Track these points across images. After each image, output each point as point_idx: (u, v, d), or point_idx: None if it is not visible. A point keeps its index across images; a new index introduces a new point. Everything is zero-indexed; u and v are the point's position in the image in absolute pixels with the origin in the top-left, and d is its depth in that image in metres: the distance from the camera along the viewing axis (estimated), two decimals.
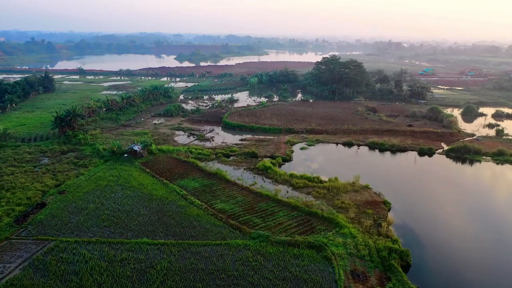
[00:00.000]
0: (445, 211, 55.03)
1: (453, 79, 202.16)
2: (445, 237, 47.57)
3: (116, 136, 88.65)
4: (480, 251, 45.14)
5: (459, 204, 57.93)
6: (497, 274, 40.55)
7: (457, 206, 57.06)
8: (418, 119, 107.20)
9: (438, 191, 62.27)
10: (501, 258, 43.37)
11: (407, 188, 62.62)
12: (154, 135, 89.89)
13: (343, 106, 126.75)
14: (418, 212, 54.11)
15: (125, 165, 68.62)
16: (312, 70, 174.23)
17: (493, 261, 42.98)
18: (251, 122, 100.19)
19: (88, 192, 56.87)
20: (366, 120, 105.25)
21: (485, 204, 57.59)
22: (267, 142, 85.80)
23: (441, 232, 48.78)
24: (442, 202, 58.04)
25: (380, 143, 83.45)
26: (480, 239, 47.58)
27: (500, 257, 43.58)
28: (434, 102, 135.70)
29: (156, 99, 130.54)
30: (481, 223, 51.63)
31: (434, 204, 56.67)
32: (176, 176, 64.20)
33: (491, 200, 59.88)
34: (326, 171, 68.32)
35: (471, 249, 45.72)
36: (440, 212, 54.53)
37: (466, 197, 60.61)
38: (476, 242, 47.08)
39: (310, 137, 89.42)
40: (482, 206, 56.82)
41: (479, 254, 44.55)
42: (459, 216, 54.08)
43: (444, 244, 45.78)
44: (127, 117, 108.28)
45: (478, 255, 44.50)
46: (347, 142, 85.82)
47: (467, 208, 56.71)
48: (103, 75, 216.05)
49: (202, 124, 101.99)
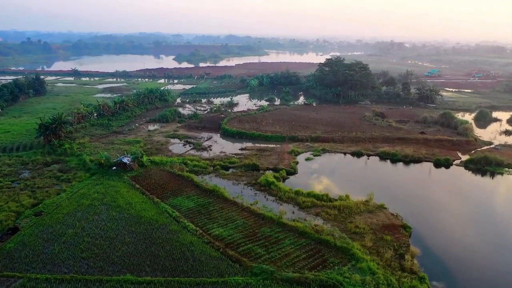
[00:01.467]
0: (476, 237, 48.42)
1: (460, 81, 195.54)
2: (482, 270, 40.97)
3: (106, 144, 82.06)
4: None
5: (490, 228, 51.02)
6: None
7: (489, 230, 50.23)
8: (429, 125, 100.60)
9: (463, 211, 55.68)
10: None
11: (427, 208, 55.95)
12: (147, 144, 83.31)
13: (349, 111, 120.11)
14: (445, 238, 47.44)
15: (112, 180, 62.04)
16: (315, 72, 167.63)
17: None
18: (251, 129, 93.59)
19: (69, 214, 50.29)
20: (375, 126, 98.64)
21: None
22: (269, 151, 79.21)
23: (475, 264, 42.19)
24: (470, 225, 51.50)
25: (392, 153, 76.84)
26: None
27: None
28: (444, 106, 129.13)
29: (152, 103, 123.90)
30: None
31: (462, 228, 50.15)
32: (169, 193, 57.60)
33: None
34: (335, 187, 61.91)
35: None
36: (471, 238, 47.92)
37: (496, 219, 53.91)
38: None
39: (315, 146, 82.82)
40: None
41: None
42: (495, 242, 47.25)
43: (483, 280, 39.19)
44: (120, 123, 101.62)
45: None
46: (356, 152, 79.22)
47: (501, 231, 49.94)
48: (99, 76, 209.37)
49: (199, 131, 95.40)
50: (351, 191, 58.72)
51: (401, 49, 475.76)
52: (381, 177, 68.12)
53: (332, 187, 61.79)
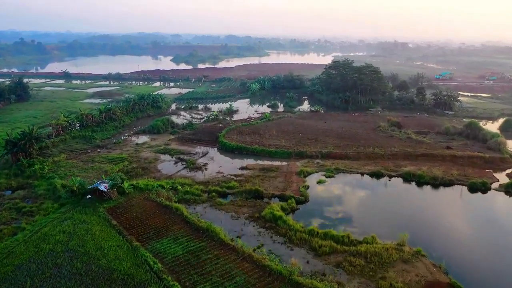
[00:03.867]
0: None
1: (474, 84, 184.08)
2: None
3: (85, 163, 70.87)
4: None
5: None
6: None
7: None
8: (453, 137, 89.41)
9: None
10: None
11: (476, 253, 44.80)
12: (133, 162, 72.13)
13: (360, 119, 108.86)
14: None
15: (85, 213, 50.97)
16: (320, 75, 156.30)
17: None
18: (253, 143, 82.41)
19: (20, 266, 39.26)
20: (392, 139, 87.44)
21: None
22: (274, 171, 68.04)
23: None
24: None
25: (419, 174, 65.64)
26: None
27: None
28: (464, 113, 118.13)
29: (143, 110, 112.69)
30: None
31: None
32: (152, 233, 46.44)
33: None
34: (356, 221, 50.88)
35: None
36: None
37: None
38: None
39: (327, 164, 71.63)
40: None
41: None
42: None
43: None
44: (105, 135, 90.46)
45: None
46: (375, 172, 68.00)
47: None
48: (91, 79, 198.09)
49: (194, 145, 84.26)
50: (376, 228, 47.97)
51: (405, 50, 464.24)
52: (410, 206, 56.88)
53: (352, 222, 50.73)
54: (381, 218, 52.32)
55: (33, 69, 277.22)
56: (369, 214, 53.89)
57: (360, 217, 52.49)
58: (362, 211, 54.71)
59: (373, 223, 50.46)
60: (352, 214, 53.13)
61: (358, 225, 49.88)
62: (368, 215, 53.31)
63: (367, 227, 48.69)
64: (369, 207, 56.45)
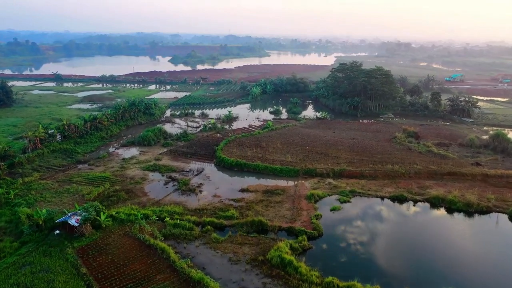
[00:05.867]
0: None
1: (488, 87, 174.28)
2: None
3: (61, 184, 61.26)
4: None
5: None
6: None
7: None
8: (479, 150, 79.92)
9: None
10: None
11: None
12: (117, 182, 62.56)
13: (372, 128, 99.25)
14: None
15: (50, 255, 41.58)
16: (326, 78, 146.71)
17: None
18: (255, 158, 72.83)
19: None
20: (411, 152, 77.89)
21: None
22: (280, 195, 58.51)
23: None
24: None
25: (449, 199, 56.06)
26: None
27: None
28: (484, 120, 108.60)
29: (134, 118, 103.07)
30: None
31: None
32: (130, 286, 36.84)
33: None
34: (384, 267, 41.25)
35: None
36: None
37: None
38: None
39: (340, 185, 62.13)
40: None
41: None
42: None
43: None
44: (89, 148, 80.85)
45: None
46: (397, 196, 58.45)
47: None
48: (83, 82, 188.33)
49: (187, 159, 74.70)
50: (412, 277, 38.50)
51: (408, 50, 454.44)
52: (446, 244, 47.08)
53: (378, 267, 41.18)
54: (414, 262, 42.75)
55: (27, 70, 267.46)
56: (399, 255, 44.26)
57: (388, 259, 42.94)
58: (390, 250, 45.11)
59: (406, 269, 41.02)
60: (377, 256, 43.52)
61: (389, 272, 40.32)
62: (398, 257, 43.71)
63: (401, 276, 39.24)
64: (397, 245, 46.82)
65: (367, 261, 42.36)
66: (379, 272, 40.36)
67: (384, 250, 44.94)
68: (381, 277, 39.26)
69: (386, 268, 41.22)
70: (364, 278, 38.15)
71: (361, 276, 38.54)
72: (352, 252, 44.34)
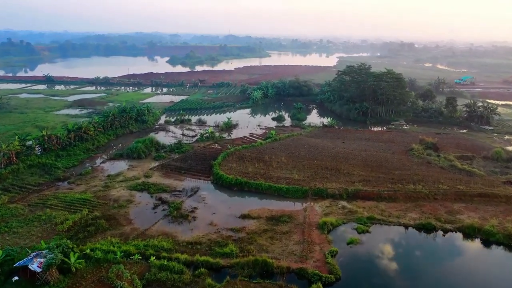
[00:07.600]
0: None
1: (501, 90, 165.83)
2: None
3: (33, 209, 52.89)
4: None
5: None
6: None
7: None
8: (508, 165, 71.55)
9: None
10: None
11: None
12: (98, 206, 54.21)
13: (385, 138, 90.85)
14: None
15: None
16: (331, 81, 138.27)
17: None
18: (257, 174, 64.43)
19: None
20: (431, 167, 69.55)
21: None
22: (287, 222, 50.22)
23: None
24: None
25: (486, 230, 47.68)
26: None
27: None
28: (505, 129, 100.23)
29: (124, 126, 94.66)
30: None
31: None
32: None
33: None
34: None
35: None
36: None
37: None
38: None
39: (356, 210, 53.83)
40: None
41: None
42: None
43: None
44: (72, 162, 72.40)
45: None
46: (425, 225, 50.01)
47: None
48: (75, 84, 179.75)
49: (181, 176, 66.34)
50: None
51: (411, 50, 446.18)
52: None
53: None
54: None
55: (21, 71, 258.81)
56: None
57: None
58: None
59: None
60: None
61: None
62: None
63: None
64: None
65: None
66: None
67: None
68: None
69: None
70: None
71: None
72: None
